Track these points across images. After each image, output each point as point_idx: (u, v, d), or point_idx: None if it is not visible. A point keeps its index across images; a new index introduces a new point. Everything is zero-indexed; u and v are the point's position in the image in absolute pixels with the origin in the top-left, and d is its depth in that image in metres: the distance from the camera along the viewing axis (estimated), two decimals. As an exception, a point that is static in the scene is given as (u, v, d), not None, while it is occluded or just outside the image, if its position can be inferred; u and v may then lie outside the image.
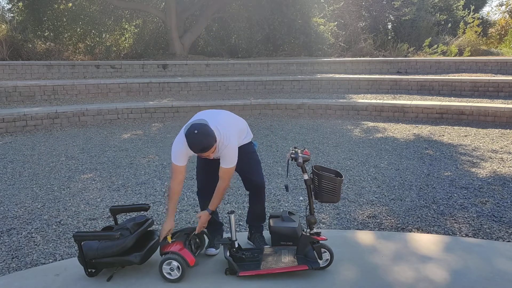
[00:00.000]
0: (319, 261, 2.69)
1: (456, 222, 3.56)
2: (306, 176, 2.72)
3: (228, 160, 2.73)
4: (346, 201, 4.05)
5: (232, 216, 2.77)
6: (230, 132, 2.74)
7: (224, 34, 13.97)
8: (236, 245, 2.78)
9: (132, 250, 2.70)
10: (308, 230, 2.74)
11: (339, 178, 2.69)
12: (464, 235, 3.34)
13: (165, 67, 10.95)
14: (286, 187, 2.80)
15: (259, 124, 7.75)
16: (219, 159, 2.79)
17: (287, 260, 2.73)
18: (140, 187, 4.55)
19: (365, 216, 3.72)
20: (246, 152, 2.96)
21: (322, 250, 2.72)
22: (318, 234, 2.72)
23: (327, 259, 2.74)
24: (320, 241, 2.70)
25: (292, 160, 2.74)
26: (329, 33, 13.39)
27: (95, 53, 11.91)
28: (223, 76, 10.80)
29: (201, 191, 3.09)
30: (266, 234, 3.16)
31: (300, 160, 2.68)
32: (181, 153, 2.73)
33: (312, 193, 2.74)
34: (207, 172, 2.99)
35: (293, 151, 2.76)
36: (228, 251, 2.74)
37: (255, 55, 13.15)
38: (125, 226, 2.78)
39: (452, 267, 2.77)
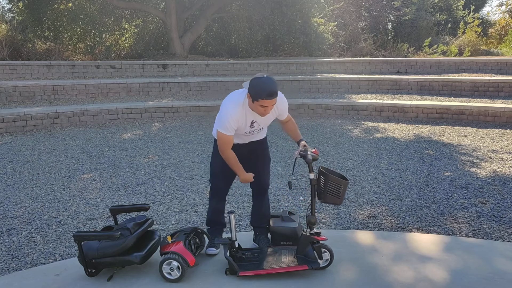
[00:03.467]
0: (319, 261, 2.70)
1: (456, 222, 3.56)
2: (312, 176, 2.71)
3: (287, 110, 2.92)
4: (346, 201, 4.05)
5: (232, 216, 2.77)
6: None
7: (224, 34, 13.97)
8: (236, 245, 2.78)
9: (132, 250, 2.70)
10: (308, 230, 2.74)
11: (344, 180, 2.69)
12: (464, 235, 3.34)
13: (165, 67, 10.95)
14: (289, 184, 2.80)
15: (259, 124, 7.74)
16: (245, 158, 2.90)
17: (287, 260, 2.73)
18: (140, 187, 4.55)
19: (365, 216, 3.72)
20: (263, 149, 3.02)
21: (322, 250, 2.72)
22: (318, 234, 2.72)
23: (327, 259, 2.74)
24: (320, 241, 2.71)
25: (300, 157, 2.73)
26: (329, 33, 13.38)
27: (95, 53, 11.91)
28: (223, 76, 10.80)
29: (218, 193, 3.05)
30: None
31: (310, 157, 2.68)
32: (233, 121, 2.65)
33: (316, 193, 2.74)
34: (225, 176, 2.96)
35: (303, 149, 2.75)
36: (228, 251, 2.74)
37: (255, 55, 13.14)
38: (125, 226, 2.78)
39: (452, 267, 2.77)
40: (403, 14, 13.67)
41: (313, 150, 2.78)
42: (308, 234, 2.72)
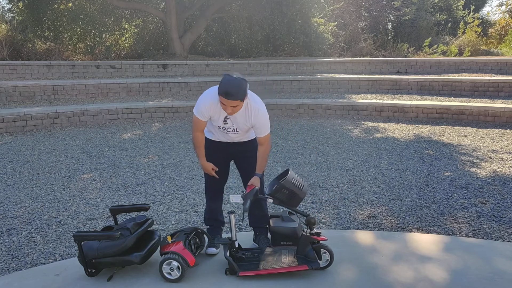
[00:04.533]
0: (319, 261, 2.70)
1: (456, 222, 3.56)
2: (271, 200, 2.74)
3: (266, 127, 2.81)
4: (346, 201, 4.05)
5: (232, 216, 2.77)
6: (261, 102, 2.79)
7: (224, 34, 13.97)
8: (236, 245, 2.78)
9: (132, 250, 2.70)
10: (308, 230, 2.74)
11: (282, 182, 2.67)
12: (464, 235, 3.34)
13: (165, 67, 10.95)
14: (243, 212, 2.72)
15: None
16: (233, 157, 2.93)
17: (287, 260, 2.73)
18: (140, 187, 4.55)
19: (365, 216, 3.72)
20: (251, 150, 2.98)
21: (322, 250, 2.72)
22: (318, 234, 2.72)
23: (327, 260, 2.74)
24: (320, 241, 2.71)
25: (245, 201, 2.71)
26: (329, 33, 13.38)
27: (95, 53, 11.91)
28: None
29: (210, 190, 3.11)
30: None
31: (247, 206, 2.63)
32: (205, 107, 2.76)
33: (285, 205, 2.76)
34: (216, 173, 2.99)
35: (243, 195, 2.73)
36: (228, 251, 2.74)
37: (255, 55, 13.14)
38: (125, 226, 2.78)
39: (452, 267, 2.77)
40: (403, 14, 13.67)
41: (247, 188, 2.77)
42: (308, 234, 2.72)
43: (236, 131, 2.87)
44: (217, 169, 2.97)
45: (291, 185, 2.68)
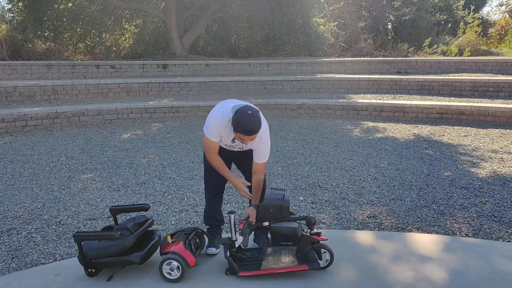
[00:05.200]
0: (319, 261, 2.70)
1: (456, 222, 3.56)
2: (266, 223, 2.75)
3: (265, 154, 2.79)
4: (346, 201, 4.05)
5: (232, 216, 2.77)
6: (267, 125, 2.77)
7: (224, 34, 13.97)
8: (236, 245, 2.78)
9: (132, 250, 2.70)
10: (308, 230, 2.74)
11: (261, 204, 2.70)
12: (464, 235, 3.34)
13: (165, 67, 10.95)
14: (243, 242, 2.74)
15: (259, 124, 7.74)
16: (236, 155, 2.89)
17: (287, 260, 2.73)
18: (140, 187, 4.55)
19: (365, 216, 3.72)
20: None
21: (322, 250, 2.73)
22: (318, 234, 2.72)
23: (327, 260, 2.74)
24: (320, 241, 2.71)
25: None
26: (329, 33, 13.38)
27: (95, 53, 11.91)
28: (223, 76, 10.80)
29: (210, 190, 3.09)
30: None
31: (247, 241, 2.69)
32: (216, 130, 2.72)
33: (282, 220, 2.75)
34: (215, 172, 2.96)
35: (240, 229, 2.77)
36: (228, 251, 2.74)
37: (255, 55, 13.15)
38: (125, 226, 2.78)
39: (452, 267, 2.77)
40: (403, 14, 13.67)
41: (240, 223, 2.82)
42: (308, 234, 2.72)
43: (242, 148, 2.88)
44: (249, 184, 2.90)
45: (272, 202, 2.68)
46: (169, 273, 2.65)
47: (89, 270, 2.72)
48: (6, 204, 4.14)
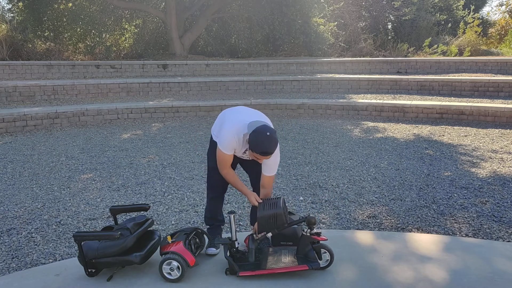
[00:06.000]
0: (319, 261, 2.70)
1: (456, 222, 3.56)
2: (269, 234, 2.76)
3: (275, 167, 2.81)
4: (346, 201, 4.05)
5: (232, 216, 2.77)
6: (277, 141, 2.77)
7: (224, 34, 13.97)
8: (236, 245, 2.78)
9: (132, 250, 2.69)
10: (309, 230, 2.74)
11: (258, 216, 2.71)
12: (464, 235, 3.34)
13: (165, 67, 10.95)
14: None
15: (259, 124, 7.74)
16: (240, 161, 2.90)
17: (287, 260, 2.72)
18: (140, 187, 4.55)
19: (365, 216, 3.72)
20: None
21: (322, 250, 2.72)
22: (318, 234, 2.72)
23: (327, 260, 2.74)
24: (320, 241, 2.70)
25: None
26: (329, 33, 13.39)
27: (95, 53, 11.91)
28: (223, 76, 10.80)
29: (213, 188, 3.10)
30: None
31: (253, 257, 2.71)
32: (231, 144, 2.74)
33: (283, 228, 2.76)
34: (223, 179, 2.97)
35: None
36: (228, 251, 2.74)
37: (255, 55, 13.15)
38: (125, 226, 2.78)
39: (452, 267, 2.77)
40: (403, 14, 13.68)
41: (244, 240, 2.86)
42: (308, 234, 2.72)
43: (251, 157, 2.87)
44: (261, 201, 2.89)
45: (268, 212, 2.68)
46: (169, 273, 2.65)
47: (89, 270, 2.72)
48: (6, 204, 4.14)
